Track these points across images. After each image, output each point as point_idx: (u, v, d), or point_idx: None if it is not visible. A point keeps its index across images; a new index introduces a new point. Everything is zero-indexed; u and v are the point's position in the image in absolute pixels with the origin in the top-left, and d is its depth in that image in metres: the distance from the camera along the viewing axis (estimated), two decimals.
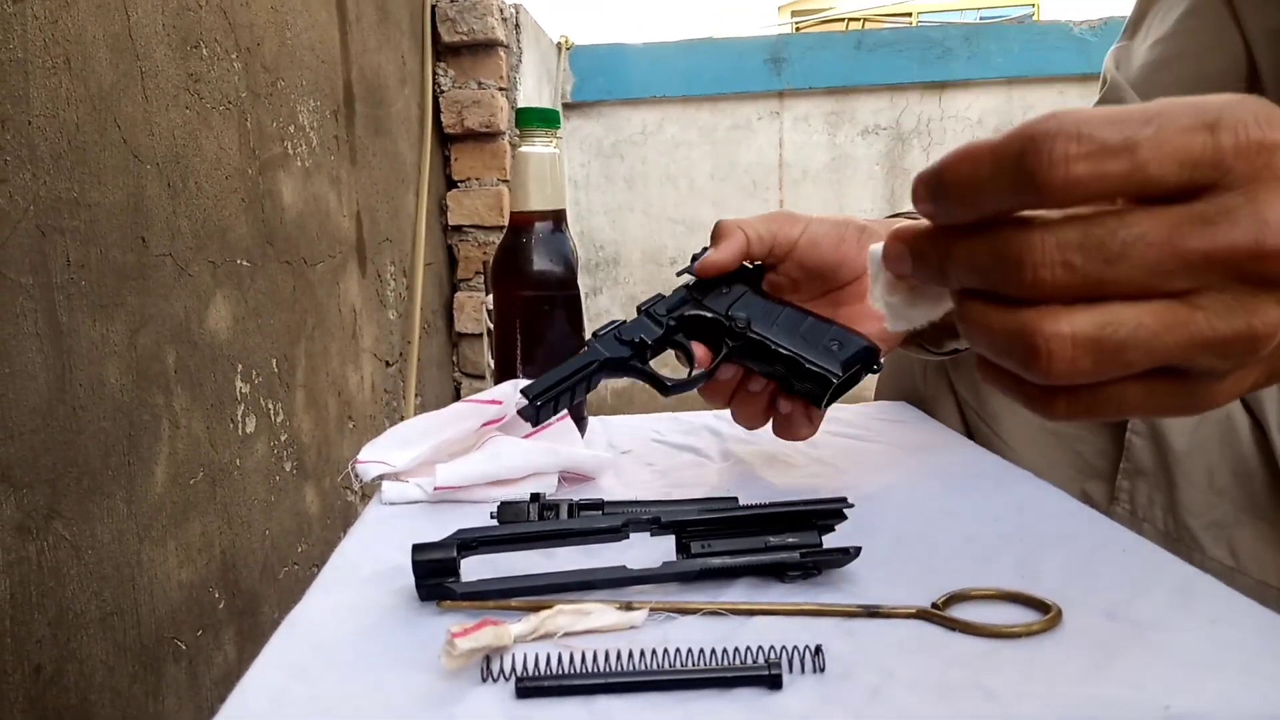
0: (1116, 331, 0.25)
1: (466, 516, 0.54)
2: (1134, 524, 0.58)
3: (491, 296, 0.75)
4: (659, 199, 2.81)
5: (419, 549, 0.41)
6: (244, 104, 1.14)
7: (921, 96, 2.74)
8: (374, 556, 0.49)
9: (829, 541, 0.42)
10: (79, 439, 0.82)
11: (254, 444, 1.14)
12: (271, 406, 1.19)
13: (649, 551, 0.48)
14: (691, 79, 2.75)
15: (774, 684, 0.33)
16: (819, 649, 0.34)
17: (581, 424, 0.73)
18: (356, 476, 0.58)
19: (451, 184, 2.07)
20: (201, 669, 1.00)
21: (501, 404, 0.64)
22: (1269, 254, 0.24)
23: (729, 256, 0.55)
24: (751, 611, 0.39)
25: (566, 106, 2.73)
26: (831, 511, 0.42)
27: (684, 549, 0.43)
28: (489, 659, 0.35)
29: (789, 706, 0.33)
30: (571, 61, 2.71)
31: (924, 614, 0.38)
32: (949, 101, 2.75)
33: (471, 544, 0.42)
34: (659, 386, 0.55)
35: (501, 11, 2.06)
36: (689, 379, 0.56)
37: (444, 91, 2.02)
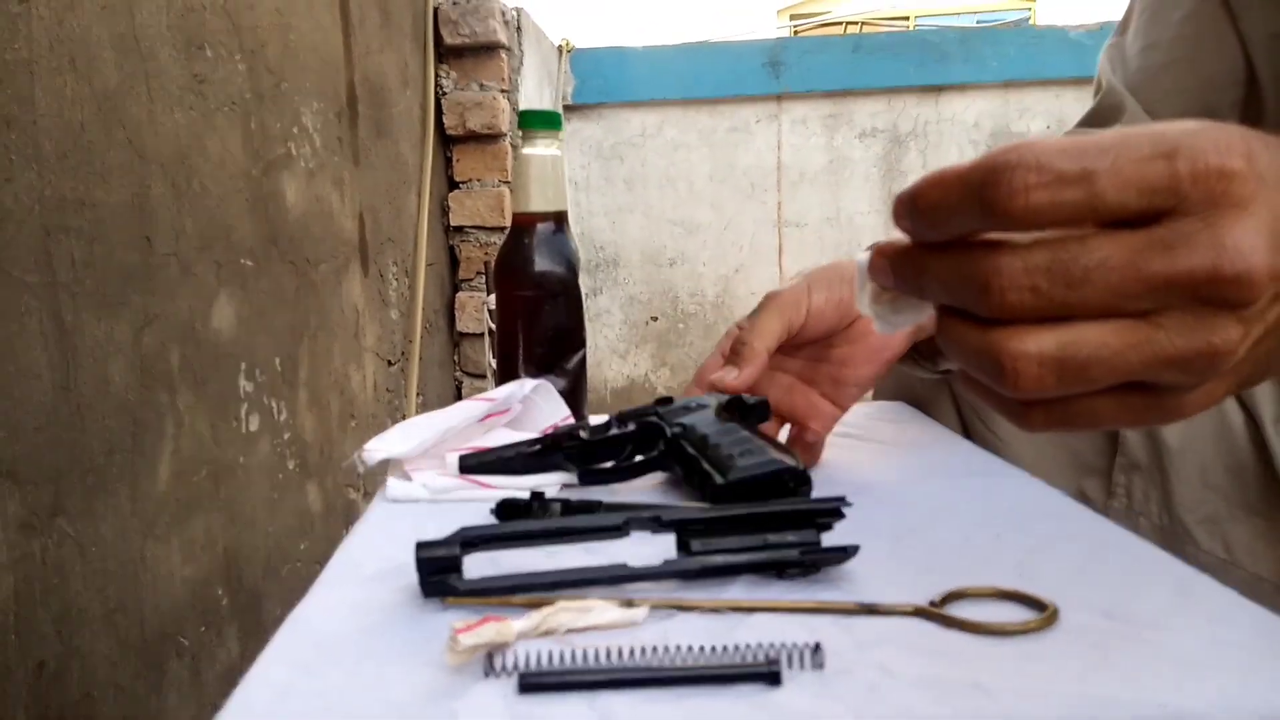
0: (1080, 350, 0.26)
1: (468, 515, 0.54)
2: (1130, 518, 0.59)
3: (493, 296, 0.76)
4: (658, 201, 2.82)
5: (422, 546, 0.41)
6: (248, 105, 1.14)
7: (918, 100, 2.75)
8: (377, 554, 0.49)
9: (828, 540, 0.42)
10: (83, 437, 0.82)
11: (257, 442, 1.15)
12: (275, 405, 1.20)
13: (650, 549, 0.48)
14: (691, 82, 2.75)
15: (773, 680, 0.34)
16: (818, 646, 0.35)
17: (582, 421, 0.73)
18: (361, 462, 0.59)
19: (453, 185, 2.08)
20: (204, 666, 1.01)
21: (497, 401, 0.65)
22: (1226, 278, 0.25)
23: (747, 381, 0.56)
24: (751, 609, 0.40)
25: (567, 108, 2.74)
26: (830, 510, 0.42)
27: (684, 547, 0.43)
28: (492, 655, 0.35)
29: (788, 703, 0.33)
30: (572, 64, 2.72)
31: (922, 612, 0.39)
32: (946, 105, 2.75)
33: (474, 541, 0.42)
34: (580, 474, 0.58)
35: (503, 14, 2.07)
36: (612, 468, 0.58)
37: (446, 93, 2.02)
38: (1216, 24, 0.65)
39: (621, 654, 0.35)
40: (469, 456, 0.59)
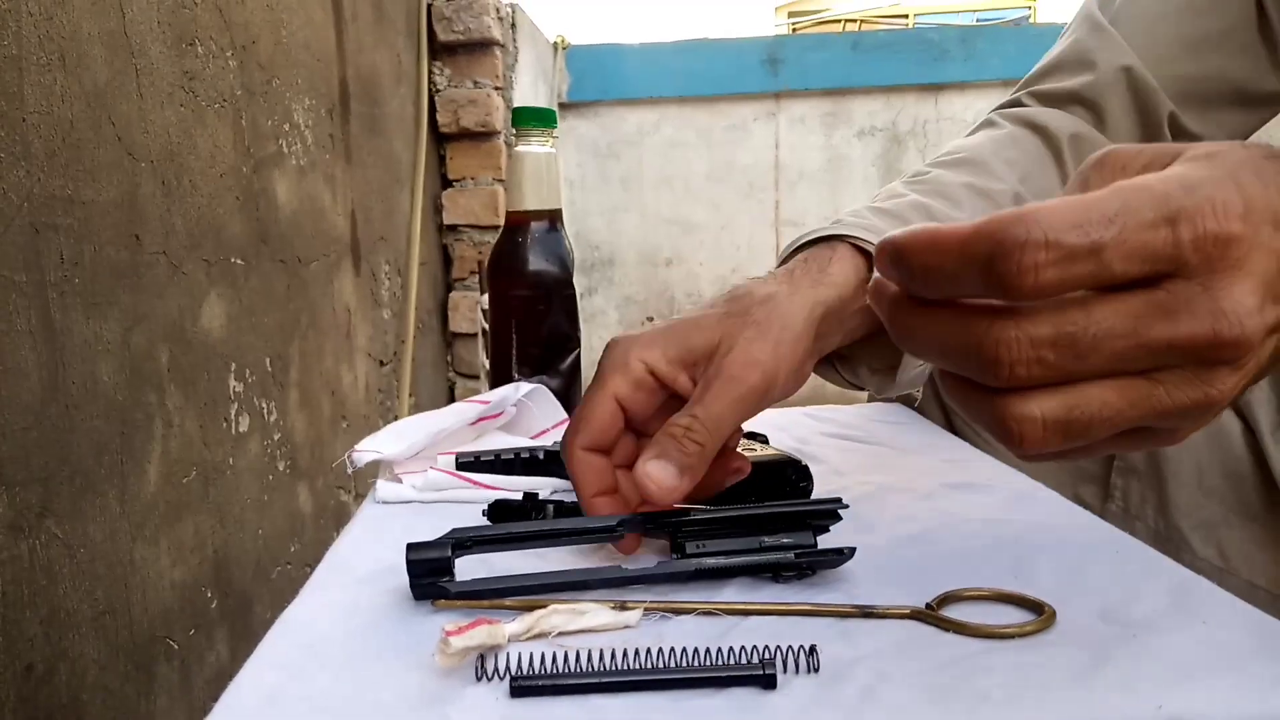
0: (1084, 412, 0.27)
1: (460, 516, 0.54)
2: (1126, 522, 0.59)
3: (487, 296, 0.75)
4: (655, 200, 2.81)
5: (413, 548, 0.41)
6: (239, 102, 1.13)
7: (918, 98, 2.75)
8: (367, 556, 0.49)
9: (824, 542, 0.42)
10: (72, 437, 0.82)
11: (247, 443, 1.14)
12: (265, 405, 1.19)
13: (644, 551, 0.48)
14: (688, 79, 2.75)
15: (768, 684, 0.33)
16: (813, 649, 0.35)
17: None
18: (351, 463, 0.58)
19: (447, 183, 2.07)
20: (194, 668, 1.00)
21: (490, 404, 0.64)
22: (1225, 343, 0.26)
23: (684, 492, 0.43)
24: (746, 611, 0.39)
25: (562, 106, 2.73)
26: (825, 512, 0.42)
27: (678, 549, 0.43)
28: (483, 658, 0.35)
29: (783, 706, 0.33)
30: (568, 61, 2.71)
31: (918, 614, 0.39)
32: (945, 103, 2.75)
33: (466, 543, 0.42)
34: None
35: (498, 11, 2.06)
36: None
37: (439, 91, 2.02)
38: None
39: (615, 657, 0.34)
40: (466, 455, 0.59)
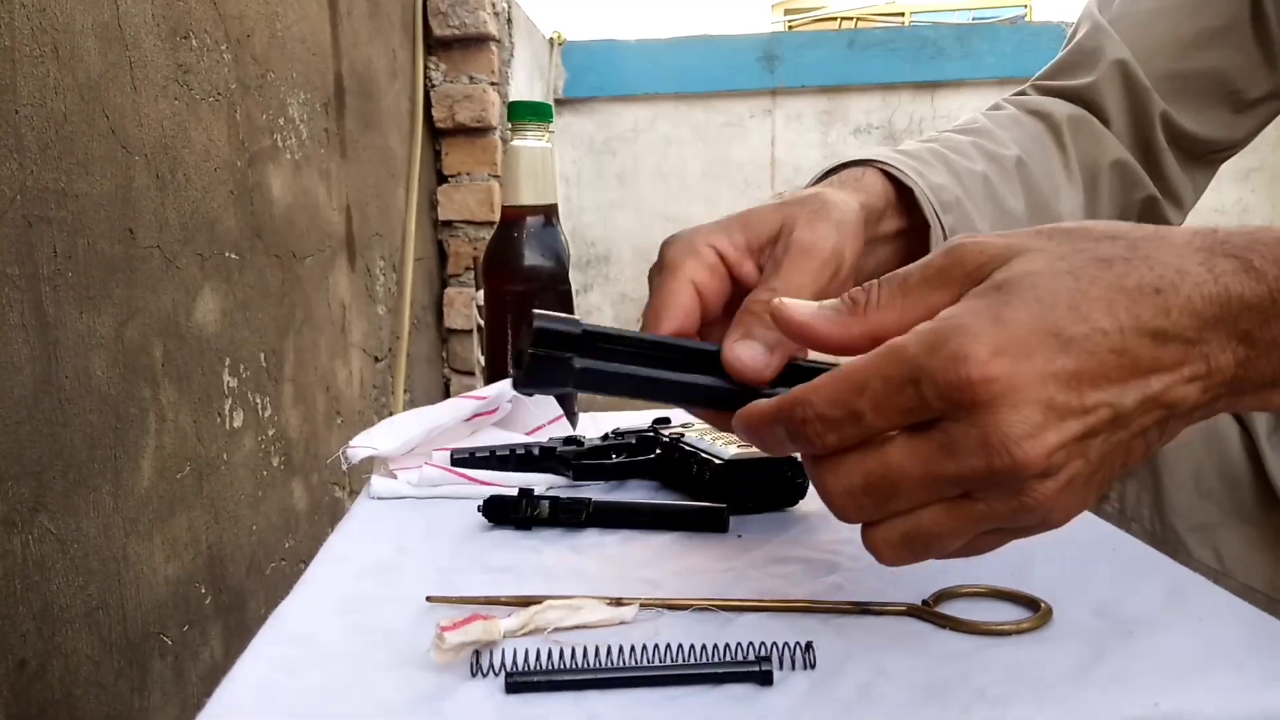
0: (922, 533, 0.31)
1: (454, 512, 0.54)
2: (1122, 523, 0.59)
3: (482, 292, 0.75)
4: (650, 196, 2.81)
5: (541, 317, 0.36)
6: (233, 96, 1.13)
7: (914, 96, 2.75)
8: (362, 551, 0.48)
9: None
10: (65, 432, 0.81)
11: (241, 438, 1.13)
12: (259, 401, 1.19)
13: (647, 548, 0.48)
14: (684, 76, 2.74)
15: (764, 680, 0.33)
16: (810, 645, 0.34)
17: (573, 419, 0.73)
18: (346, 459, 0.58)
19: (442, 179, 2.07)
20: (187, 664, 1.00)
21: (485, 400, 0.64)
22: (1002, 470, 0.29)
23: (777, 371, 0.42)
24: (742, 608, 0.39)
25: (558, 102, 2.73)
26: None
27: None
28: (478, 654, 0.35)
29: (779, 703, 0.33)
30: (564, 57, 2.71)
31: (914, 611, 0.39)
32: (941, 101, 2.75)
33: (595, 337, 0.37)
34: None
35: (494, 6, 2.06)
36: (606, 465, 0.58)
37: (435, 86, 2.01)
38: None
39: (610, 653, 0.34)
40: (461, 451, 0.59)
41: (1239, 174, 2.73)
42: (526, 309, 0.72)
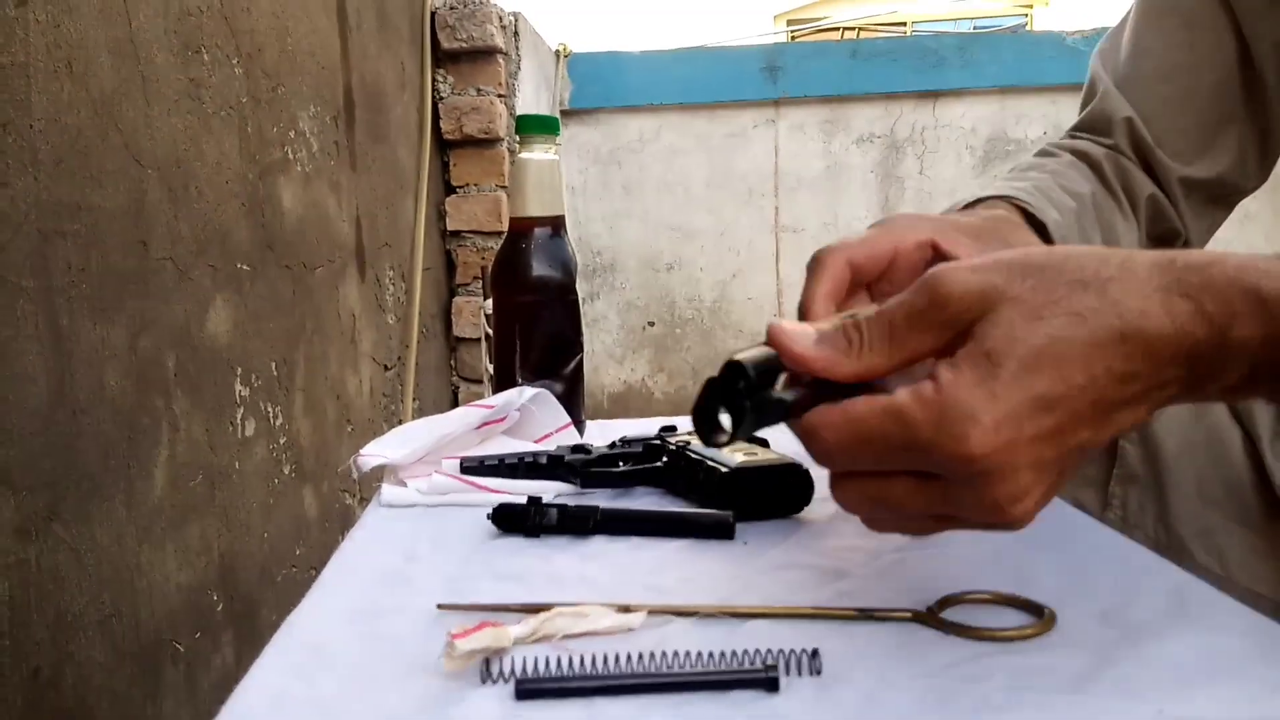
0: (903, 524, 0.38)
1: (463, 520, 0.54)
2: (1125, 531, 0.59)
3: (490, 301, 0.76)
4: (656, 206, 2.82)
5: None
6: (244, 109, 1.14)
7: (916, 105, 2.75)
8: (372, 560, 0.49)
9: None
10: (79, 442, 0.82)
11: (253, 447, 1.14)
12: (270, 410, 1.19)
13: (655, 556, 0.48)
14: (688, 87, 2.75)
15: (771, 686, 0.34)
16: (815, 652, 0.35)
17: (580, 427, 0.73)
18: (356, 468, 0.59)
19: (450, 190, 2.08)
20: (200, 672, 1.00)
21: (494, 408, 0.65)
22: (999, 525, 0.35)
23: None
24: (748, 614, 0.40)
25: (564, 113, 2.74)
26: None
27: None
28: (489, 661, 0.35)
29: (785, 709, 0.33)
30: (570, 69, 2.72)
31: (919, 617, 0.39)
32: (943, 110, 2.75)
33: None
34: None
35: (501, 19, 2.07)
36: (613, 473, 0.59)
37: (443, 98, 2.02)
38: (1217, 31, 0.65)
39: (619, 660, 0.35)
40: (470, 459, 0.59)
41: None
42: (535, 319, 0.73)
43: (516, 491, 0.56)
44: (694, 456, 0.55)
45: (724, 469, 0.52)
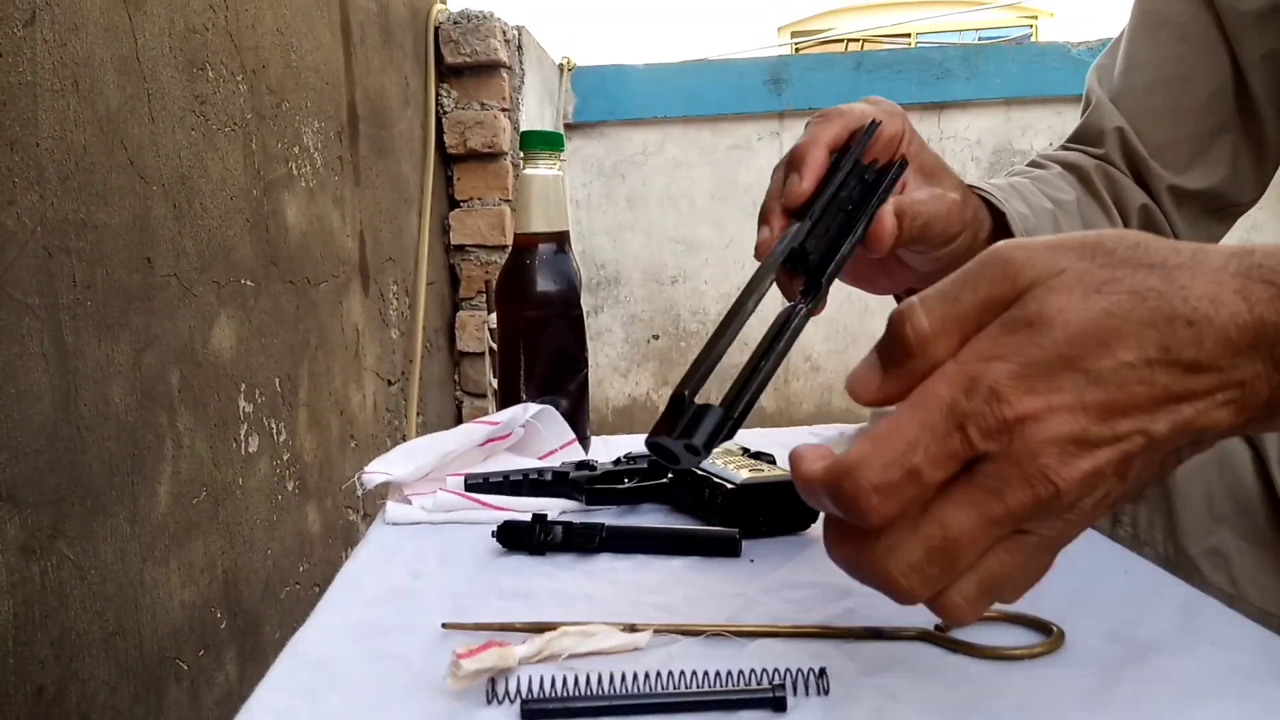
0: (995, 578, 0.31)
1: (468, 537, 0.54)
2: (1135, 547, 0.58)
3: (495, 316, 0.76)
4: (660, 219, 2.83)
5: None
6: (249, 125, 1.15)
7: (920, 117, 2.76)
8: (377, 578, 0.49)
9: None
10: (83, 459, 0.82)
11: (256, 463, 1.14)
12: (274, 426, 1.19)
13: (660, 574, 0.48)
14: (692, 100, 2.77)
15: (778, 706, 0.33)
16: (823, 671, 0.35)
17: (585, 443, 0.73)
18: (361, 485, 0.59)
19: (454, 204, 2.09)
20: (203, 689, 1.00)
21: (499, 425, 0.65)
22: (1047, 499, 0.30)
23: (808, 191, 0.53)
24: (755, 633, 0.40)
25: (568, 127, 2.75)
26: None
27: None
28: (494, 680, 0.35)
29: None
30: (573, 82, 2.73)
31: (927, 635, 0.39)
32: (948, 122, 2.76)
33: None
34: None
35: (504, 33, 2.08)
36: (619, 490, 0.59)
37: (447, 112, 2.03)
38: (1208, 44, 0.66)
39: (625, 680, 0.34)
40: (475, 476, 0.59)
41: None
42: (540, 334, 0.73)
43: (521, 509, 0.56)
44: (700, 473, 0.55)
45: (730, 485, 0.52)
